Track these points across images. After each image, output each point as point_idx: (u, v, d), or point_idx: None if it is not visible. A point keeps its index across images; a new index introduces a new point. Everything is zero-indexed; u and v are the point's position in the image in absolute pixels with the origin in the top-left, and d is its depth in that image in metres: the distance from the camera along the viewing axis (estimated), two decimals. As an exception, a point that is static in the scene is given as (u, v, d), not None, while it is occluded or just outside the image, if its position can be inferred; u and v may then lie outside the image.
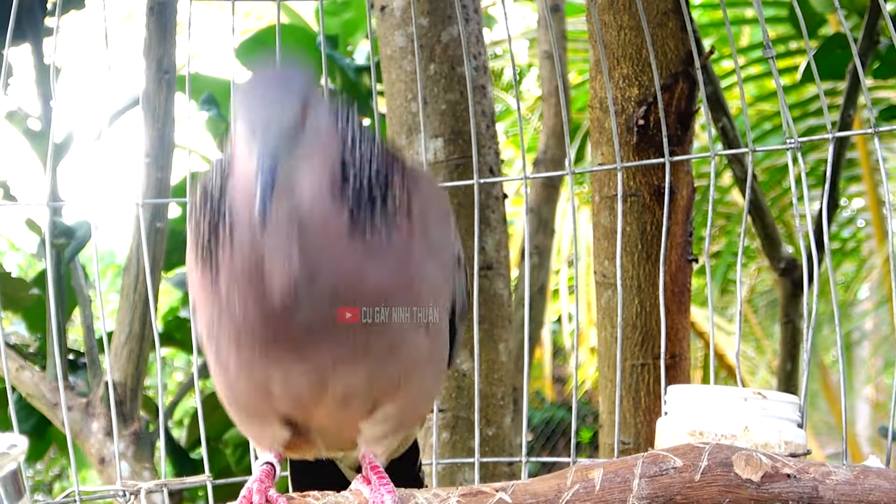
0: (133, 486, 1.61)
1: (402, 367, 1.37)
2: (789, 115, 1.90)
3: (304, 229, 1.26)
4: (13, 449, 1.19)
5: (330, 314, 1.29)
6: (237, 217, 1.27)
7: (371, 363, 1.34)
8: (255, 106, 1.24)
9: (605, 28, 2.09)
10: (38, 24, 3.18)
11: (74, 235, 3.16)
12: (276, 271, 1.26)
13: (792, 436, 1.58)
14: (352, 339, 1.31)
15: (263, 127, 1.22)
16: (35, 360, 3.34)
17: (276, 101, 1.24)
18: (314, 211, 1.26)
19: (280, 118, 1.23)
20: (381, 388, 1.37)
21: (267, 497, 1.40)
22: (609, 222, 2.14)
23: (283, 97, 1.24)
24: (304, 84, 1.27)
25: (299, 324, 1.28)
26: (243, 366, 1.34)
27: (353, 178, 1.28)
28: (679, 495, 1.38)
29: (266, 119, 1.22)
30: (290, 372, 1.33)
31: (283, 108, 1.23)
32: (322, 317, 1.29)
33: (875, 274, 6.40)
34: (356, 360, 1.33)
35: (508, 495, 1.37)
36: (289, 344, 1.31)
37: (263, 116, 1.22)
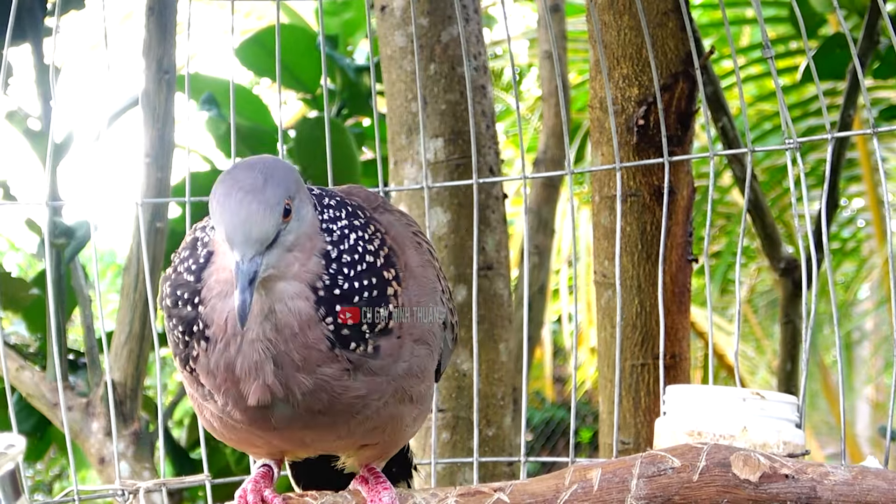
0: (132, 486, 1.61)
1: (385, 433, 1.41)
2: (788, 116, 1.89)
3: (284, 343, 1.24)
4: (11, 449, 1.19)
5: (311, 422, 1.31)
6: (214, 321, 1.25)
7: (353, 438, 1.39)
8: (234, 208, 1.19)
9: (605, 28, 2.09)
10: (38, 24, 3.18)
11: (74, 235, 3.16)
12: (252, 382, 1.26)
13: (790, 436, 1.58)
14: (332, 430, 1.34)
15: (244, 235, 1.18)
16: (35, 360, 3.34)
17: (257, 204, 1.19)
18: (297, 318, 1.24)
19: (260, 224, 1.19)
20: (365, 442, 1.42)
21: (262, 497, 1.41)
22: (609, 222, 2.14)
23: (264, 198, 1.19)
24: (287, 183, 1.22)
25: (277, 421, 1.30)
26: (227, 428, 1.37)
27: (340, 283, 1.26)
28: (677, 495, 1.38)
29: (246, 224, 1.18)
30: (271, 439, 1.37)
31: (264, 214, 1.19)
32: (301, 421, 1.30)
33: (875, 274, 6.40)
34: (338, 437, 1.38)
35: (507, 495, 1.37)
36: (268, 431, 1.33)
37: (243, 219, 1.18)
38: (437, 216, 2.46)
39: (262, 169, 1.22)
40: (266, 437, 1.36)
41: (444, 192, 2.45)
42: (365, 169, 3.76)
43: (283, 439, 1.37)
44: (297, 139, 3.72)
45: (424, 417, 1.49)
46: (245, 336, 1.24)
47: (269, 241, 1.19)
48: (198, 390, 1.32)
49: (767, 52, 1.82)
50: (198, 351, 1.27)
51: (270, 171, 1.22)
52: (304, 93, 4.01)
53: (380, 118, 2.58)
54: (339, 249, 1.27)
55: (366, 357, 1.28)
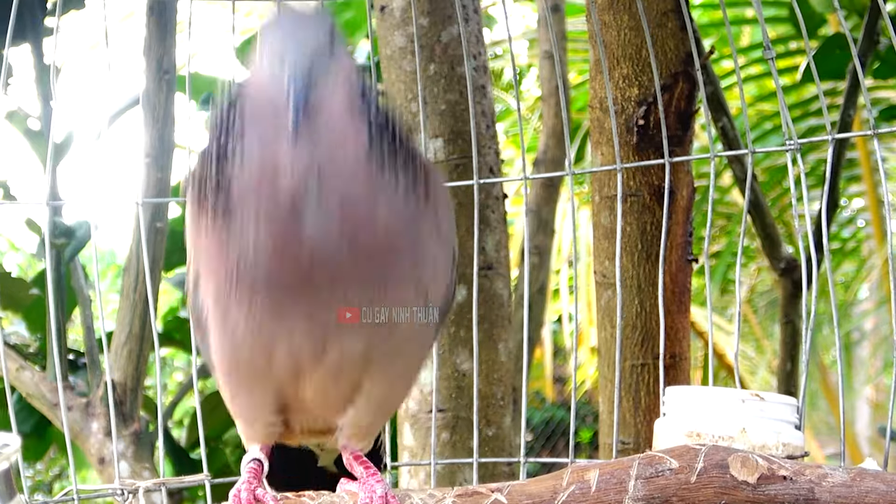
0: (131, 485, 1.61)
1: (396, 339, 1.35)
2: (789, 116, 1.89)
3: (329, 151, 1.22)
4: (6, 448, 1.18)
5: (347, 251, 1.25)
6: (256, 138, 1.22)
7: (370, 331, 1.32)
8: (285, 31, 1.22)
9: (605, 28, 2.09)
10: (38, 24, 3.18)
11: (74, 235, 3.16)
12: (297, 190, 1.21)
13: (790, 437, 1.58)
14: (358, 299, 1.28)
15: (295, 47, 1.20)
16: (35, 360, 3.34)
17: (306, 27, 1.22)
18: (341, 136, 1.23)
19: (313, 41, 1.21)
20: (374, 359, 1.35)
21: (255, 496, 1.40)
22: (609, 222, 2.14)
23: (312, 24, 1.23)
24: (331, 21, 1.26)
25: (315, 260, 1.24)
26: (251, 325, 1.29)
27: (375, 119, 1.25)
28: (675, 497, 1.38)
29: (298, 41, 1.20)
30: (294, 332, 1.30)
31: (315, 33, 1.22)
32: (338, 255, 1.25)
33: (875, 274, 6.40)
34: (357, 325, 1.31)
35: (504, 496, 1.38)
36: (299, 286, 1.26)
37: (295, 38, 1.21)
38: (436, 216, 2.46)
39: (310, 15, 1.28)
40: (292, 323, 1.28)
41: (443, 191, 2.45)
42: (365, 169, 3.76)
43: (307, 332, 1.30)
44: (297, 139, 3.72)
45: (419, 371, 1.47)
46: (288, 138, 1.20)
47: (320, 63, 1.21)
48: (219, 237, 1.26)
49: (768, 53, 1.82)
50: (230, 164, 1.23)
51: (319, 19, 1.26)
52: (304, 93, 4.01)
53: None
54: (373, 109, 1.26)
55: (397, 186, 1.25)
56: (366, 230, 1.26)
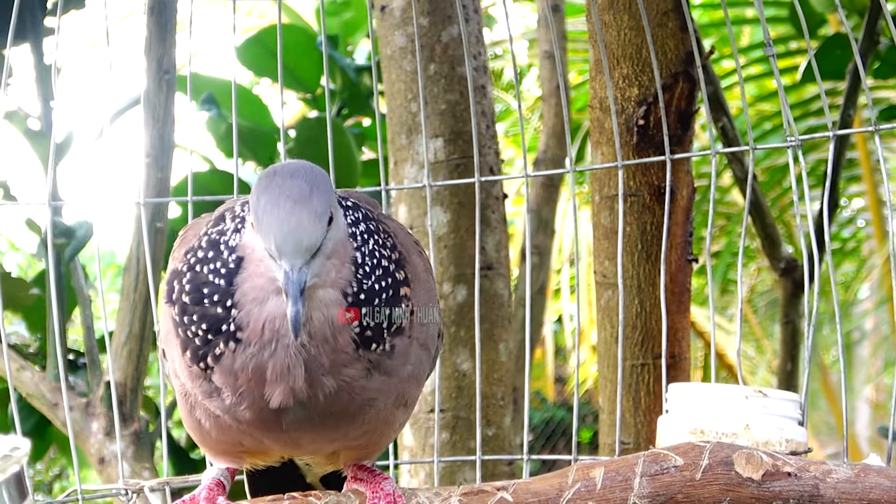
0: (135, 485, 1.61)
1: (374, 436, 1.42)
2: (790, 113, 1.89)
3: (315, 348, 1.25)
4: (16, 452, 1.19)
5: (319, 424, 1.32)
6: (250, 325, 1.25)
7: (347, 440, 1.40)
8: (281, 218, 1.20)
9: (605, 28, 2.09)
10: (38, 24, 3.18)
11: (74, 235, 3.16)
12: (280, 384, 1.26)
13: (793, 434, 1.58)
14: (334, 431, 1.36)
15: (294, 244, 1.19)
16: (35, 360, 3.33)
17: (305, 213, 1.20)
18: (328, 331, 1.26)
19: (310, 234, 1.20)
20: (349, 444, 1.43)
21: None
22: (609, 222, 2.14)
23: (311, 207, 1.20)
24: (329, 190, 1.24)
25: (287, 423, 1.31)
26: (218, 429, 1.36)
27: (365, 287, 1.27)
28: (680, 494, 1.38)
29: (297, 234, 1.19)
30: (268, 441, 1.38)
31: (313, 221, 1.20)
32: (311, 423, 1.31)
33: (875, 274, 6.40)
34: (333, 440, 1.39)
35: (510, 494, 1.37)
36: (272, 432, 1.34)
37: (293, 229, 1.19)
38: (437, 216, 2.46)
39: (305, 176, 1.23)
40: (264, 437, 1.36)
41: (444, 191, 2.45)
42: (365, 169, 3.76)
43: (281, 442, 1.37)
44: (297, 139, 3.72)
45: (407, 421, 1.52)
46: (280, 342, 1.24)
47: (315, 250, 1.21)
48: (200, 386, 1.31)
49: (769, 50, 1.82)
50: (222, 350, 1.26)
51: (314, 179, 1.23)
52: (304, 93, 4.01)
53: (380, 118, 2.58)
54: (363, 253, 1.28)
55: (384, 356, 1.29)
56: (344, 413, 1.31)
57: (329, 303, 1.25)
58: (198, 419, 1.37)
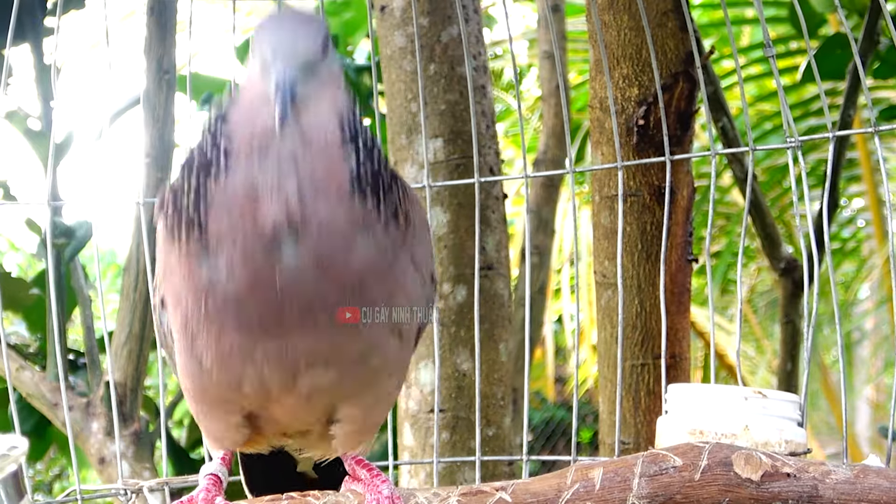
0: (134, 485, 1.61)
1: (369, 372, 1.34)
2: (790, 114, 1.89)
3: (310, 160, 1.19)
4: (13, 451, 1.19)
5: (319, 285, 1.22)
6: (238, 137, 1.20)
7: (342, 365, 1.31)
8: (277, 33, 1.20)
9: (605, 28, 2.09)
10: (38, 24, 3.18)
11: (74, 235, 3.16)
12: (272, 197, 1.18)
13: (792, 434, 1.58)
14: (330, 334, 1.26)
15: (286, 50, 1.17)
16: (35, 360, 3.34)
17: (300, 29, 1.21)
18: (324, 161, 1.20)
19: (304, 45, 1.19)
20: (345, 391, 1.35)
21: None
22: (609, 222, 2.14)
23: (306, 28, 1.21)
24: (324, 25, 1.25)
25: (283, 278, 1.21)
26: (218, 357, 1.28)
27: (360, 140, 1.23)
28: (679, 494, 1.38)
29: (289, 43, 1.19)
30: (264, 365, 1.28)
31: (307, 36, 1.20)
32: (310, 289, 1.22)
33: (875, 274, 6.40)
34: (329, 358, 1.29)
35: (508, 494, 1.37)
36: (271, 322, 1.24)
37: (286, 41, 1.19)
38: (437, 216, 2.46)
39: (304, 12, 1.27)
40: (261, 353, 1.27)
41: (443, 191, 2.45)
42: (365, 169, 3.76)
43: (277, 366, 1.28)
44: (297, 139, 3.72)
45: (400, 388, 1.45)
46: (271, 149, 1.18)
47: (310, 65, 1.18)
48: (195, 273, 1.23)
49: (769, 51, 1.82)
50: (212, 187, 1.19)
51: (314, 17, 1.27)
52: (304, 93, 4.01)
53: (380, 118, 2.58)
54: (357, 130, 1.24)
55: (378, 218, 1.22)
56: (339, 266, 1.23)
57: (325, 120, 1.20)
58: (199, 356, 1.29)
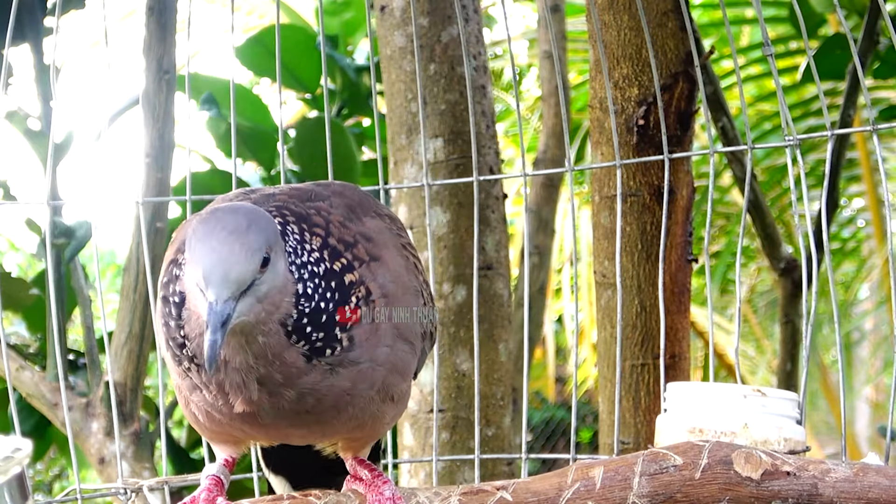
0: (134, 484, 1.61)
1: (365, 429, 1.43)
2: (788, 113, 1.89)
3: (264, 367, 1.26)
4: (17, 453, 1.20)
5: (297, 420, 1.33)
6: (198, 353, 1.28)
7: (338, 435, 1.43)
8: (212, 252, 1.18)
9: (605, 28, 2.09)
10: (38, 24, 3.18)
11: (74, 235, 3.16)
12: (239, 396, 1.28)
13: (791, 433, 1.58)
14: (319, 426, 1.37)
15: (219, 276, 1.17)
16: (35, 360, 3.34)
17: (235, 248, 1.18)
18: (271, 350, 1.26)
19: (239, 269, 1.18)
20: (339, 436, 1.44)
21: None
22: (609, 222, 2.14)
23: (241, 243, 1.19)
24: (269, 229, 1.23)
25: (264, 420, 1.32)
26: (211, 420, 1.38)
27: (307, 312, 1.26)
28: (679, 493, 1.38)
29: (223, 268, 1.18)
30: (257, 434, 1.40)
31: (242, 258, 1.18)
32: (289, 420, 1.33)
33: (875, 274, 6.40)
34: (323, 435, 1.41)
35: (509, 493, 1.37)
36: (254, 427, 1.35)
37: (220, 264, 1.18)
38: (436, 216, 2.46)
39: (245, 213, 1.23)
40: (253, 431, 1.37)
41: (443, 191, 2.45)
42: (365, 169, 3.76)
43: (269, 436, 1.40)
44: (297, 139, 3.72)
45: (401, 415, 1.52)
46: (228, 364, 1.25)
47: (245, 287, 1.19)
48: (185, 381, 1.34)
49: (767, 50, 1.82)
50: (188, 364, 1.30)
51: (253, 217, 1.22)
52: (303, 93, 4.01)
53: (380, 118, 2.58)
54: (306, 285, 1.27)
55: (343, 352, 1.29)
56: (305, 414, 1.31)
57: (264, 333, 1.25)
58: (192, 411, 1.39)
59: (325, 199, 1.40)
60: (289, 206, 1.35)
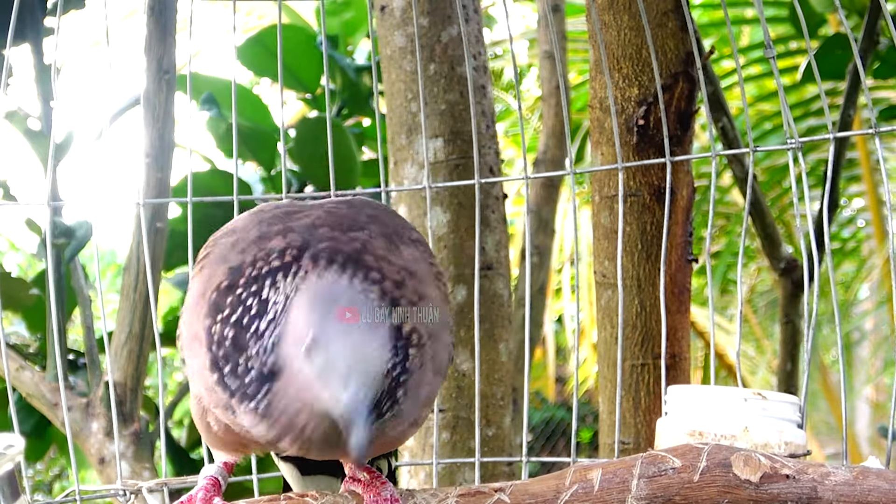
0: (133, 485, 1.61)
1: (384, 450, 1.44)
2: (790, 115, 1.89)
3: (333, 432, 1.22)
4: (10, 449, 1.19)
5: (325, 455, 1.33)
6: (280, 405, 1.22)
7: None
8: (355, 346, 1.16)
9: (605, 28, 2.09)
10: (38, 24, 3.18)
11: (74, 235, 3.16)
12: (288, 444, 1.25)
13: (792, 436, 1.58)
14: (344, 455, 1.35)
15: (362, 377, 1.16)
16: (35, 360, 3.34)
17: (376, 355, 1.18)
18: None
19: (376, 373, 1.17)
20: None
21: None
22: (609, 222, 2.14)
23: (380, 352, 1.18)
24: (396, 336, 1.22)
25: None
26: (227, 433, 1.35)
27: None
28: (678, 495, 1.37)
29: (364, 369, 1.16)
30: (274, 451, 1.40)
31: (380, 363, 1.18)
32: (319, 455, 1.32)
33: (875, 274, 6.40)
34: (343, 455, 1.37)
35: (507, 495, 1.37)
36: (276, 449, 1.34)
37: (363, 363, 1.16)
38: (437, 216, 2.46)
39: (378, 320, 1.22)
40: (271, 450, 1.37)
41: (443, 192, 2.45)
42: (365, 169, 3.77)
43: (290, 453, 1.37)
44: (297, 139, 3.72)
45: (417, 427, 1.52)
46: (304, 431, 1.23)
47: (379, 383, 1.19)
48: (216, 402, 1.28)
49: (769, 52, 1.82)
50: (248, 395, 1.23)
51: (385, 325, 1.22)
52: (304, 93, 4.02)
53: (380, 118, 2.58)
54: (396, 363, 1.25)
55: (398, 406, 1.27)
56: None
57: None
58: (207, 422, 1.36)
59: (363, 227, 1.34)
60: (340, 248, 1.28)
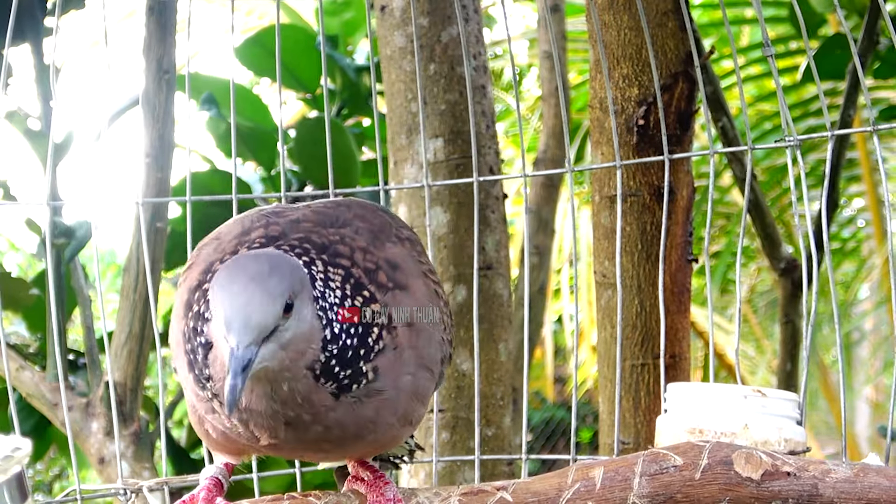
0: (134, 485, 1.61)
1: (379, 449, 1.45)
2: (788, 113, 1.89)
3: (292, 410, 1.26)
4: (17, 452, 1.20)
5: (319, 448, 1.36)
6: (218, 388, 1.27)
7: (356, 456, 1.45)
8: (233, 298, 1.18)
9: (605, 28, 2.09)
10: (38, 24, 3.18)
11: (74, 235, 3.16)
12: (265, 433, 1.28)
13: (791, 433, 1.58)
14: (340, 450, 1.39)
15: (241, 323, 1.17)
16: (35, 360, 3.33)
17: (257, 294, 1.18)
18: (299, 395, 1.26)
19: (261, 316, 1.18)
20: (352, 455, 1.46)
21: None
22: (609, 222, 2.14)
23: (263, 290, 1.18)
24: (294, 275, 1.23)
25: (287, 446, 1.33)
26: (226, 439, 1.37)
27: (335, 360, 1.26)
28: (679, 493, 1.38)
29: (245, 314, 1.17)
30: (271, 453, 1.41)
31: (265, 304, 1.18)
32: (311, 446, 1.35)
33: (875, 274, 6.40)
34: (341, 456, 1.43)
35: (509, 494, 1.38)
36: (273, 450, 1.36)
37: (242, 310, 1.17)
38: (436, 216, 2.46)
39: (268, 260, 1.23)
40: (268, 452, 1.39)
41: (443, 191, 2.45)
42: (365, 169, 3.76)
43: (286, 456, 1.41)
44: (297, 139, 3.72)
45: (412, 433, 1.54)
46: (253, 411, 1.26)
47: (267, 333, 1.19)
48: (202, 403, 1.32)
49: (768, 51, 1.82)
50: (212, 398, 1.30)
51: (276, 264, 1.23)
52: (304, 93, 4.01)
53: (380, 118, 2.58)
54: (332, 327, 1.27)
55: (369, 384, 1.29)
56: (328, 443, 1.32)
57: (290, 379, 1.24)
58: (206, 429, 1.39)
59: (349, 224, 1.39)
60: (311, 239, 1.34)
